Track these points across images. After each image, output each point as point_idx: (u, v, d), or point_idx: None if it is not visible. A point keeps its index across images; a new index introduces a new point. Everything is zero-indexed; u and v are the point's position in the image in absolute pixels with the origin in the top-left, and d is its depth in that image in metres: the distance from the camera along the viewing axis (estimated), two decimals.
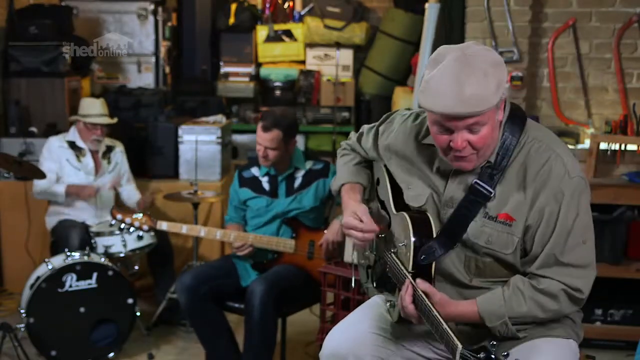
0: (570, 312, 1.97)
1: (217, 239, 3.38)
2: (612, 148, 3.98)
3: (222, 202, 4.70)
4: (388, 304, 2.17)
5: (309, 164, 3.49)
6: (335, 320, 3.06)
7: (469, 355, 1.69)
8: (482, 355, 1.66)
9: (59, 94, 5.01)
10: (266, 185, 3.47)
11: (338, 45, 6.41)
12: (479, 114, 1.82)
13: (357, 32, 6.52)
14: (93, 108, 4.25)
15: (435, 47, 4.36)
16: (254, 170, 3.52)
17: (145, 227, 3.57)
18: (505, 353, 1.65)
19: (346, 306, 3.01)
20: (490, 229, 1.95)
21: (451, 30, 4.39)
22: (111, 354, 3.69)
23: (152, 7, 5.83)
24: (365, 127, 2.37)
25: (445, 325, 1.79)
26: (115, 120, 4.35)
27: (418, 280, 1.91)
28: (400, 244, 2.06)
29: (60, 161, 4.21)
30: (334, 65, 6.38)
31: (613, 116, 4.10)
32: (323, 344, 2.21)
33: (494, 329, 1.94)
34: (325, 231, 3.35)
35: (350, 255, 3.10)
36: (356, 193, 2.28)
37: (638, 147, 3.96)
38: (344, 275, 3.04)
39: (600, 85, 4.20)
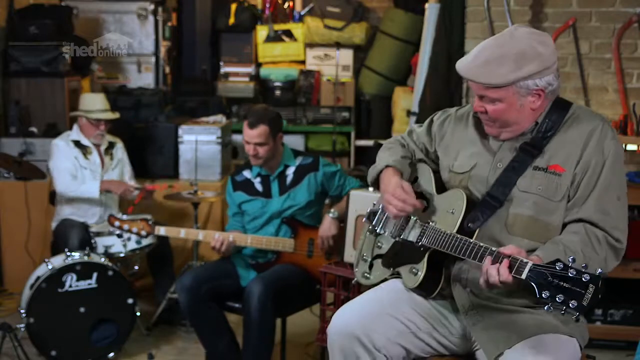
0: (612, 266, 2.04)
1: None
2: None
3: (222, 202, 4.70)
4: (414, 269, 2.17)
5: (298, 160, 3.49)
6: None
7: (540, 267, 1.74)
8: (559, 265, 1.71)
9: (59, 94, 5.02)
10: (259, 187, 3.47)
11: (338, 45, 6.40)
12: (483, 84, 2.00)
13: (357, 32, 6.52)
14: (95, 104, 4.25)
15: (435, 47, 4.37)
16: (246, 173, 3.52)
17: (143, 232, 3.57)
18: (584, 264, 1.71)
19: None
20: (540, 179, 2.05)
21: (451, 30, 4.39)
22: (111, 354, 3.69)
23: (152, 7, 5.83)
24: (414, 126, 2.47)
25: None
26: (117, 115, 4.36)
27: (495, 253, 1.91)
28: (448, 211, 2.12)
29: (71, 160, 4.21)
30: (334, 65, 6.37)
31: (613, 116, 4.10)
32: (332, 318, 2.22)
33: None
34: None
35: (350, 255, 3.10)
36: (397, 174, 2.29)
37: (638, 147, 3.97)
38: (344, 275, 3.04)
39: (600, 85, 4.20)
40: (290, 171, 3.47)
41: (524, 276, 1.79)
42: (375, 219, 2.36)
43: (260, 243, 3.38)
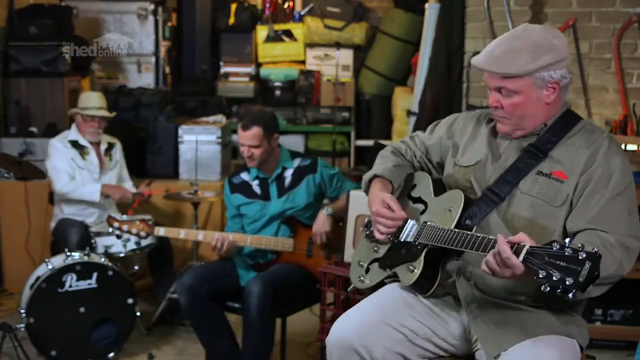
0: (628, 269, 2.00)
1: None
2: None
3: (222, 202, 4.70)
4: (410, 267, 2.17)
5: (296, 162, 3.49)
6: (335, 320, 3.06)
7: (537, 248, 1.72)
8: (556, 245, 1.69)
9: (59, 94, 5.02)
10: (257, 189, 3.46)
11: (338, 45, 6.41)
12: (501, 75, 2.02)
13: (357, 32, 6.52)
14: (91, 101, 4.26)
15: (435, 47, 4.37)
16: (244, 175, 3.51)
17: (142, 233, 3.56)
18: (580, 244, 1.68)
19: (346, 306, 3.00)
20: (542, 184, 2.04)
21: (451, 30, 4.39)
22: (111, 354, 3.69)
23: (152, 7, 5.84)
24: (417, 132, 2.47)
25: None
26: (113, 114, 4.36)
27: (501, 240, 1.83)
28: (446, 209, 2.13)
29: (68, 161, 4.21)
30: (334, 65, 6.38)
31: (613, 116, 4.11)
32: (331, 330, 2.22)
33: None
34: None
35: (350, 255, 3.09)
36: (385, 188, 2.30)
37: (638, 147, 3.97)
38: (344, 275, 3.04)
39: (600, 85, 4.20)
40: (288, 173, 3.46)
41: (521, 258, 1.76)
42: (373, 226, 2.34)
43: (259, 243, 3.38)
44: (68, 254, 3.65)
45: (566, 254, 1.67)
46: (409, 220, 2.23)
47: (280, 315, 3.36)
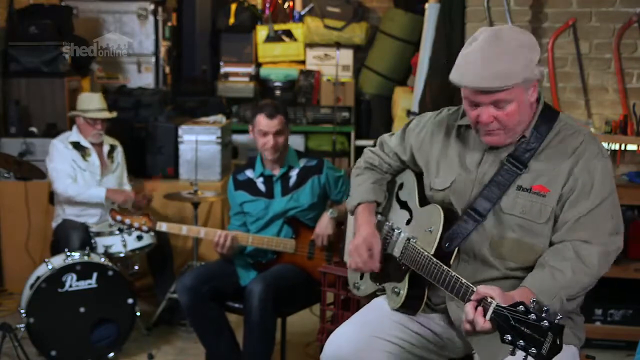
0: (604, 271, 1.98)
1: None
2: (612, 148, 3.99)
3: (222, 202, 4.70)
4: (395, 289, 2.16)
5: (302, 162, 3.49)
6: (335, 320, 3.07)
7: (503, 309, 1.70)
8: (520, 308, 1.67)
9: (59, 94, 5.02)
10: (261, 187, 3.46)
11: (338, 45, 6.41)
12: (501, 89, 1.89)
13: (357, 32, 6.52)
14: (92, 103, 4.26)
15: (435, 47, 4.37)
16: (249, 173, 3.51)
17: (144, 227, 3.56)
18: (546, 308, 1.66)
19: (346, 306, 3.00)
20: (524, 200, 1.99)
21: (451, 30, 4.38)
22: (111, 354, 3.69)
23: (152, 7, 5.84)
24: (384, 136, 2.42)
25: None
26: (114, 114, 4.36)
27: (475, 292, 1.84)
28: (427, 229, 2.09)
29: (69, 163, 4.20)
30: (334, 65, 6.38)
31: (613, 116, 4.10)
32: (325, 345, 2.20)
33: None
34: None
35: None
36: (371, 214, 2.30)
37: (638, 147, 3.97)
38: (344, 275, 3.03)
39: (600, 85, 4.20)
40: (293, 173, 3.46)
41: (487, 317, 1.75)
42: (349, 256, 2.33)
43: (261, 242, 3.37)
44: (68, 254, 3.65)
45: (530, 320, 1.64)
46: (396, 229, 2.22)
47: (280, 315, 3.36)
